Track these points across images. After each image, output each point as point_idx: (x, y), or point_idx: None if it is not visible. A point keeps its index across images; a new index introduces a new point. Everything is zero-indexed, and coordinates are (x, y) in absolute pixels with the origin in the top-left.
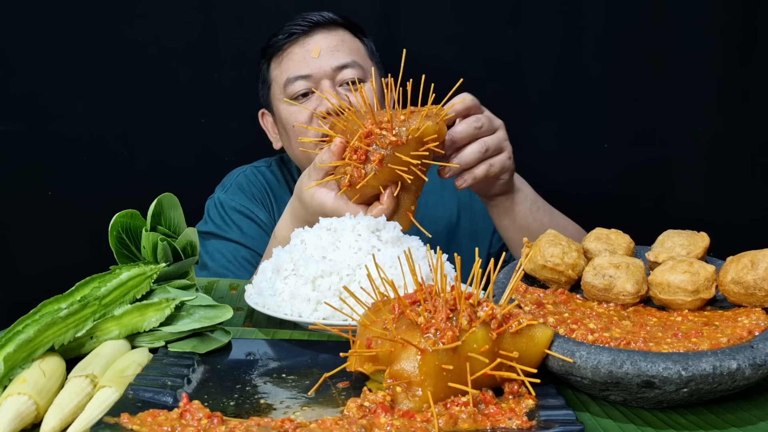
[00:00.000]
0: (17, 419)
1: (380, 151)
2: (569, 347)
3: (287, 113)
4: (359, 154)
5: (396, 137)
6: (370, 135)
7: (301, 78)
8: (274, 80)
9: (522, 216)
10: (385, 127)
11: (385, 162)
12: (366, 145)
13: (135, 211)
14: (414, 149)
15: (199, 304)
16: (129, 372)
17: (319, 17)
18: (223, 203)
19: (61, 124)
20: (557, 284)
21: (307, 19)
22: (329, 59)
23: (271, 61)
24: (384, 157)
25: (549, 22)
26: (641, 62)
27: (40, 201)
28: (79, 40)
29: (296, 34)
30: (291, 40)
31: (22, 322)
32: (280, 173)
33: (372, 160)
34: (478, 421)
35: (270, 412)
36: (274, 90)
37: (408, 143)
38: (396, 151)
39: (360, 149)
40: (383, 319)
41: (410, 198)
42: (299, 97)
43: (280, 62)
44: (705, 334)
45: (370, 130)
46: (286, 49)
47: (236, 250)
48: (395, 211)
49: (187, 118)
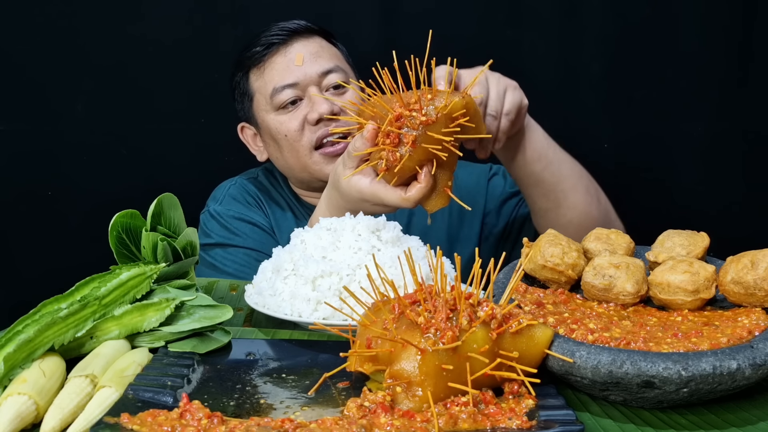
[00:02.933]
0: (17, 419)
1: (412, 133)
2: (569, 347)
3: (277, 123)
4: (392, 137)
5: (426, 117)
6: (401, 118)
7: (288, 87)
8: (258, 91)
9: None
10: (414, 108)
11: (418, 142)
12: (397, 128)
13: (135, 211)
14: (444, 126)
15: (199, 304)
16: (129, 372)
17: (295, 25)
18: (221, 214)
19: (61, 125)
20: (557, 284)
21: (284, 28)
22: (313, 65)
23: (250, 72)
24: (417, 138)
25: (549, 22)
26: (641, 62)
27: (40, 201)
28: (79, 41)
29: (275, 44)
30: (271, 51)
31: (22, 322)
32: (268, 182)
33: (405, 142)
34: (478, 421)
35: (270, 412)
36: (258, 101)
37: (438, 121)
38: (427, 130)
39: (392, 133)
40: (383, 319)
41: (447, 174)
42: (288, 105)
43: (262, 73)
44: (705, 334)
45: (400, 113)
46: (267, 60)
47: (247, 254)
48: (434, 188)
49: (187, 118)
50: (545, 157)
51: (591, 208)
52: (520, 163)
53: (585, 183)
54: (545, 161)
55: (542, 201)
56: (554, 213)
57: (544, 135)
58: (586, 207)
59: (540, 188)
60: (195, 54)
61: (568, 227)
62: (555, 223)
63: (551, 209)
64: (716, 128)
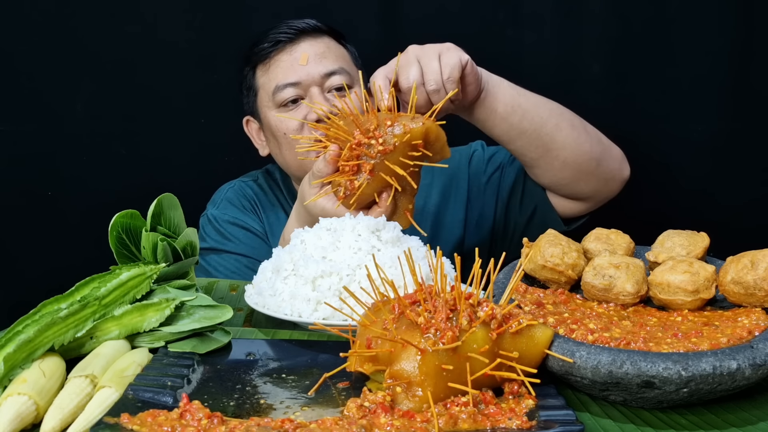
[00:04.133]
0: (17, 419)
1: (370, 161)
2: (569, 347)
3: (277, 121)
4: (351, 165)
5: (384, 145)
6: (360, 145)
7: (290, 85)
8: (262, 87)
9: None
10: (372, 136)
11: (375, 171)
12: (356, 157)
13: (135, 212)
14: (403, 153)
15: (199, 305)
16: (129, 372)
17: (304, 24)
18: (217, 218)
19: (61, 125)
20: (557, 284)
21: (292, 26)
22: (317, 66)
23: (257, 68)
24: (374, 167)
25: (549, 22)
26: (641, 62)
27: (40, 201)
28: (79, 40)
29: (282, 42)
30: (278, 48)
31: (22, 322)
32: (267, 186)
33: (363, 170)
34: (478, 421)
35: (270, 412)
36: (262, 97)
37: (396, 149)
38: (385, 159)
39: (351, 160)
40: (383, 319)
41: (407, 198)
42: (288, 103)
43: (267, 70)
44: (705, 334)
45: (359, 141)
46: (273, 57)
47: (237, 260)
48: (394, 212)
49: (186, 117)
50: (519, 106)
51: (581, 140)
52: (496, 121)
53: (568, 118)
54: (520, 111)
55: (531, 151)
56: (546, 159)
57: (510, 86)
58: (576, 141)
59: (524, 139)
60: (195, 54)
61: (565, 170)
62: (550, 168)
63: (542, 156)
64: (716, 128)
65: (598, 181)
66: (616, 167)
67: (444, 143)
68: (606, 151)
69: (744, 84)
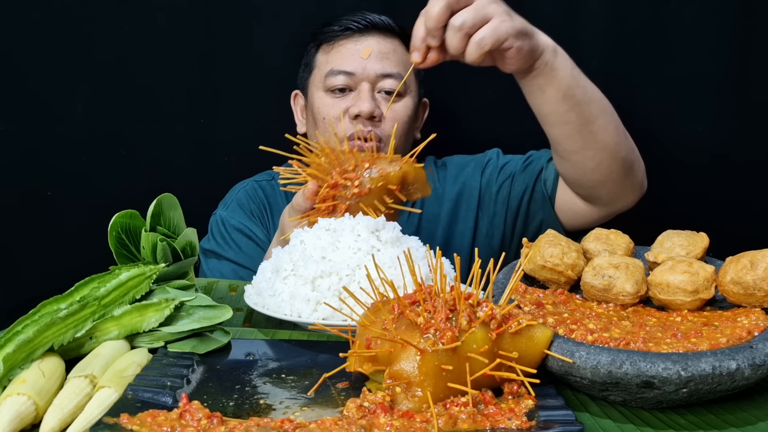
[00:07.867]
0: (17, 419)
1: (345, 203)
2: (569, 347)
3: (320, 103)
4: (327, 204)
5: (359, 188)
6: (336, 186)
7: (344, 73)
8: (318, 67)
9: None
10: (349, 177)
11: (350, 212)
12: (332, 197)
13: (135, 212)
14: (378, 196)
15: (199, 305)
16: (128, 372)
17: (378, 20)
18: (225, 221)
19: (61, 125)
20: (557, 284)
21: (366, 17)
22: (376, 64)
23: (320, 47)
24: (349, 207)
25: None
26: (641, 62)
27: (40, 201)
28: (79, 40)
29: (351, 30)
30: (345, 34)
31: (21, 322)
32: (280, 186)
33: (338, 210)
34: (478, 421)
35: (270, 413)
36: (315, 76)
37: (372, 192)
38: (360, 201)
39: (327, 199)
40: (383, 319)
41: None
42: (336, 90)
43: (328, 52)
44: (704, 335)
45: (336, 182)
46: (338, 41)
47: (235, 270)
48: None
49: (186, 118)
50: (571, 98)
51: (621, 147)
52: (542, 101)
53: (616, 121)
54: (571, 102)
55: (567, 142)
56: (580, 155)
57: (571, 75)
58: (617, 146)
59: (566, 129)
60: (195, 54)
61: (596, 171)
62: (581, 166)
63: (578, 150)
64: (716, 128)
65: (621, 189)
66: (639, 180)
67: (424, 182)
68: (637, 163)
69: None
